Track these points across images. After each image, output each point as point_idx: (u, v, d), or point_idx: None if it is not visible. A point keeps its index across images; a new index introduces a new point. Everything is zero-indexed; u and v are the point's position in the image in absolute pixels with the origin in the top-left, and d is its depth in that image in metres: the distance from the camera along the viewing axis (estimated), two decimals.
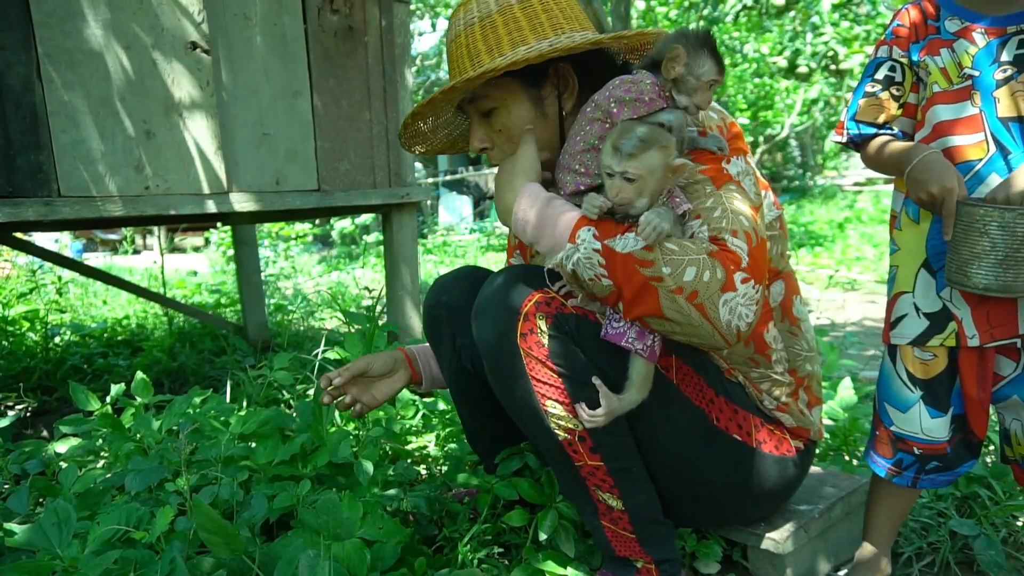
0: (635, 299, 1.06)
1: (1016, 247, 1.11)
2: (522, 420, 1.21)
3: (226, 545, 1.02)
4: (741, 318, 1.05)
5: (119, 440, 1.57)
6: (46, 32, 1.96)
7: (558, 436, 1.16)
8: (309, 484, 1.28)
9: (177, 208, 2.21)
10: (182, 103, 2.22)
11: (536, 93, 1.24)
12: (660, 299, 1.04)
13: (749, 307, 1.06)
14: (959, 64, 1.22)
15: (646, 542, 1.21)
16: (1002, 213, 1.11)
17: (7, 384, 2.75)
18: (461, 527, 1.41)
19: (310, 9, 2.50)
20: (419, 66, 13.49)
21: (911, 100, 1.30)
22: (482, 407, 1.45)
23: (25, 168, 1.95)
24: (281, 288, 5.91)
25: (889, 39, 1.31)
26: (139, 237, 11.79)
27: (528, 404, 1.16)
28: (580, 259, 1.07)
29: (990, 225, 1.12)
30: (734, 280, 1.04)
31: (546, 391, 1.14)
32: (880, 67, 1.30)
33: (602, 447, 1.17)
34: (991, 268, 1.14)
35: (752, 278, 1.06)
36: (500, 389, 1.20)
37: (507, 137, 1.25)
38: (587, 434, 1.15)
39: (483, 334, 1.17)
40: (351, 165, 2.66)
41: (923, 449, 1.30)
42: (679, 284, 1.03)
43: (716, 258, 1.05)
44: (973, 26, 1.21)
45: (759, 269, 1.08)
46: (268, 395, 2.25)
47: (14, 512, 1.31)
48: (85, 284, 5.80)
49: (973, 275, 1.16)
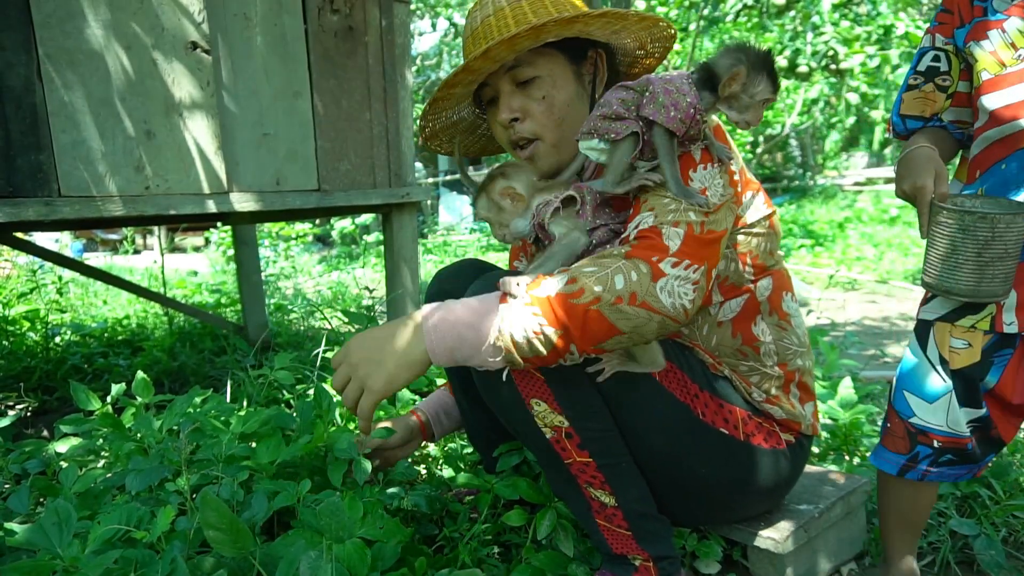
0: (583, 330, 1.05)
1: (978, 251, 1.07)
2: (510, 422, 1.21)
3: (233, 542, 1.02)
4: (681, 297, 1.08)
5: (119, 440, 1.57)
6: (46, 32, 1.96)
7: (545, 434, 1.17)
8: (310, 483, 1.28)
9: (177, 208, 2.21)
10: (182, 103, 2.22)
11: (577, 70, 1.30)
12: (607, 317, 1.05)
13: (685, 287, 1.08)
14: (1013, 45, 1.11)
15: (642, 538, 1.22)
16: (962, 216, 1.07)
17: (7, 384, 2.75)
18: (461, 527, 1.41)
19: (310, 9, 2.50)
20: (419, 66, 13.49)
21: (962, 88, 1.23)
22: (483, 402, 1.45)
23: (25, 168, 1.95)
24: (281, 288, 5.91)
25: (933, 26, 1.24)
26: (139, 237, 11.79)
27: (513, 404, 1.17)
28: (519, 318, 1.06)
29: (952, 227, 1.08)
30: (660, 268, 1.07)
31: (529, 390, 1.15)
32: (924, 57, 1.23)
33: (590, 443, 1.18)
34: (953, 271, 1.10)
35: (685, 260, 1.09)
36: (486, 389, 1.21)
37: (548, 106, 1.27)
38: (574, 430, 1.16)
39: None
40: (351, 165, 2.66)
41: (943, 442, 1.23)
42: (616, 295, 1.05)
43: (633, 257, 1.08)
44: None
45: (696, 253, 1.10)
46: (269, 395, 2.25)
47: (14, 512, 1.31)
48: (85, 284, 5.80)
49: (938, 277, 1.12)
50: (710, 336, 1.29)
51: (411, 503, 1.43)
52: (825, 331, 3.65)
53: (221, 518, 1.03)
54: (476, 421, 1.53)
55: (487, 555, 1.37)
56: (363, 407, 1.15)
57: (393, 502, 1.42)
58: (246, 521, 1.16)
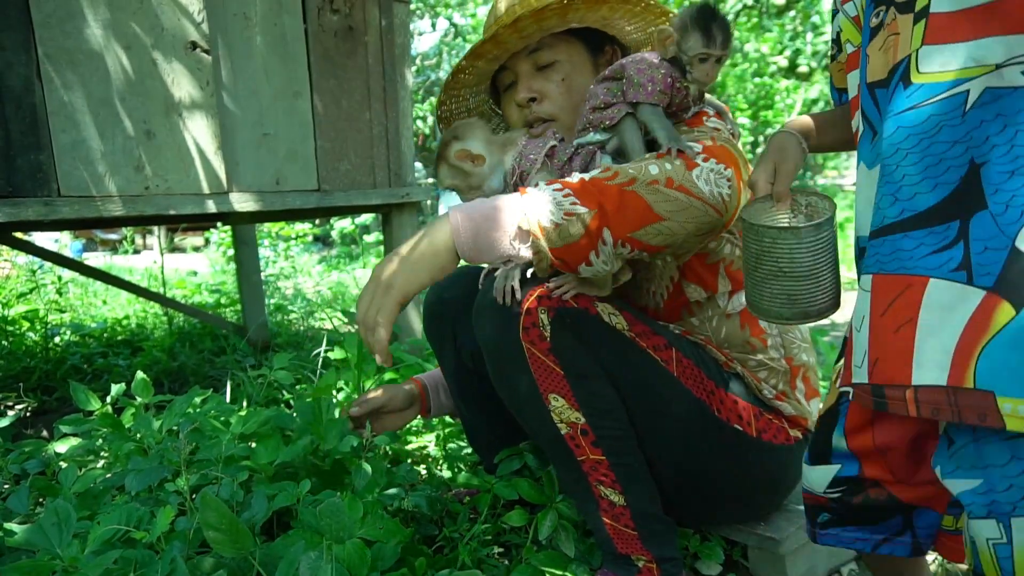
0: (620, 210, 1.03)
1: (770, 265, 0.90)
2: (524, 415, 1.21)
3: (233, 543, 1.02)
4: (719, 186, 1.09)
5: (119, 440, 1.57)
6: (46, 32, 1.96)
7: (560, 430, 1.16)
8: (309, 483, 1.28)
9: (177, 208, 2.21)
10: (182, 103, 2.22)
11: (595, 61, 1.35)
12: (644, 197, 1.05)
13: (720, 180, 1.09)
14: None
15: (647, 539, 1.22)
16: (748, 226, 0.92)
17: (7, 384, 2.75)
18: (461, 527, 1.41)
19: (310, 9, 2.49)
20: (419, 66, 13.50)
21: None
22: (483, 405, 1.45)
23: (25, 168, 1.95)
24: (281, 288, 5.90)
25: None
26: (139, 237, 11.79)
27: (530, 399, 1.16)
28: (549, 200, 1.04)
29: (747, 235, 0.93)
30: (693, 160, 1.09)
31: (548, 385, 1.14)
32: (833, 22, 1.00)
33: (604, 441, 1.17)
34: (755, 285, 0.94)
35: (712, 158, 1.10)
36: (502, 384, 1.20)
37: (567, 88, 1.31)
38: (589, 427, 1.16)
39: (485, 329, 1.17)
40: (351, 165, 2.66)
41: (806, 499, 1.00)
42: (651, 178, 1.06)
43: (663, 156, 1.10)
44: None
45: (721, 155, 1.12)
46: (268, 395, 2.25)
47: (14, 512, 1.31)
48: (85, 284, 5.80)
49: (746, 290, 0.97)
50: (719, 328, 1.31)
51: (411, 503, 1.43)
52: (825, 331, 3.65)
53: (221, 518, 1.02)
54: (475, 426, 1.53)
55: (487, 555, 1.37)
56: (385, 305, 1.05)
57: (393, 503, 1.42)
58: (246, 521, 1.16)
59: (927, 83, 0.76)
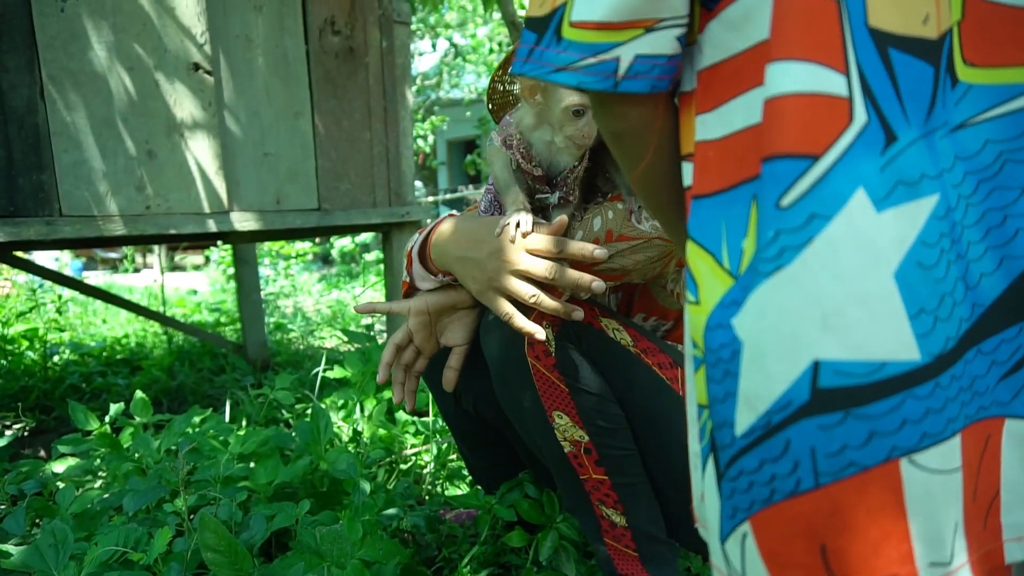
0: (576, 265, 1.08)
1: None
2: (528, 432, 1.20)
3: (231, 564, 1.02)
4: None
5: (117, 460, 1.56)
6: (50, 54, 1.98)
7: (564, 448, 1.16)
8: (308, 504, 1.27)
9: (178, 227, 2.22)
10: (184, 123, 2.23)
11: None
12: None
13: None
14: None
15: (648, 561, 1.21)
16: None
17: (5, 403, 2.74)
18: (461, 548, 1.40)
19: (312, 31, 2.52)
20: (420, 86, 13.60)
21: None
22: (484, 449, 1.45)
23: (27, 188, 1.96)
24: (281, 307, 5.90)
25: None
26: (139, 255, 11.81)
27: (535, 415, 1.16)
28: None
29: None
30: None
31: (552, 402, 1.14)
32: None
33: (608, 460, 1.17)
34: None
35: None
36: (507, 400, 1.20)
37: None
38: (593, 446, 1.15)
39: (491, 346, 1.17)
40: (351, 184, 2.68)
41: None
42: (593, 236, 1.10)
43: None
44: None
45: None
46: (268, 414, 2.24)
47: (11, 533, 1.30)
48: (85, 303, 5.80)
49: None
50: None
51: (410, 524, 1.42)
52: None
53: (219, 539, 1.02)
54: (475, 466, 1.52)
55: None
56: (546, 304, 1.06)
57: (392, 523, 1.41)
58: (244, 542, 1.16)
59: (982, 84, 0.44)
